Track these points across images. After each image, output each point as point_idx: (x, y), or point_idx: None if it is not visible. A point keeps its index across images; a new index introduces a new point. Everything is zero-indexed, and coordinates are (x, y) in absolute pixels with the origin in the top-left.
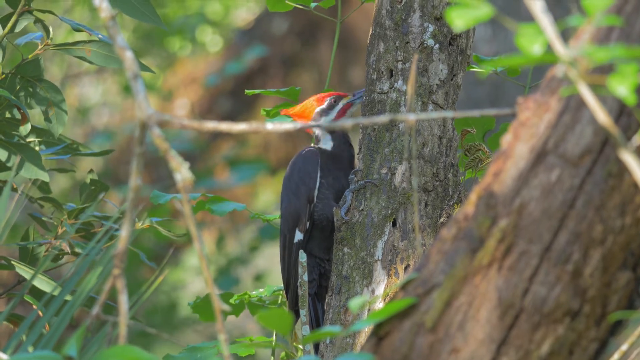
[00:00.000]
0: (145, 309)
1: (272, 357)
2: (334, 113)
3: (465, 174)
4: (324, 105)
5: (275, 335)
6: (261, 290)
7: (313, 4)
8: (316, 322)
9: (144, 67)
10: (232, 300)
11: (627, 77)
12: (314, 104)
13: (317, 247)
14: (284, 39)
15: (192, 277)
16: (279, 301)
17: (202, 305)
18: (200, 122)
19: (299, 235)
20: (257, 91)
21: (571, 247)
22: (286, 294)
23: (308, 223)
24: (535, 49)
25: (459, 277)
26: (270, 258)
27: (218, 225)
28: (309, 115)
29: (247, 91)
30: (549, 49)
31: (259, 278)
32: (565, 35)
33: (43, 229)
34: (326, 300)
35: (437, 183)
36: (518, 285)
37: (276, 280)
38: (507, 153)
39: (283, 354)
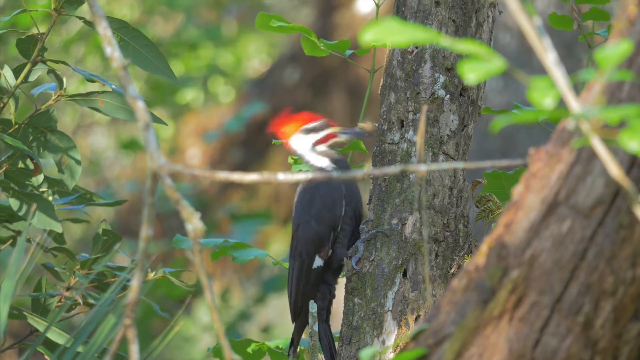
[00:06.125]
0: None
1: None
2: (320, 135)
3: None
4: (315, 124)
5: None
6: (278, 340)
7: (348, 52)
8: (330, 347)
9: (155, 119)
10: (249, 349)
11: (639, 132)
12: (303, 123)
13: (331, 274)
14: (295, 89)
15: (201, 331)
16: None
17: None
18: (212, 172)
19: (318, 262)
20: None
21: (582, 298)
22: (293, 316)
23: (330, 251)
24: (547, 102)
25: (470, 328)
26: (276, 310)
27: (228, 277)
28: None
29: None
30: (561, 101)
31: (266, 330)
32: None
33: (55, 279)
34: (337, 351)
35: (447, 234)
36: (529, 336)
37: (283, 332)
38: (519, 204)
39: None
